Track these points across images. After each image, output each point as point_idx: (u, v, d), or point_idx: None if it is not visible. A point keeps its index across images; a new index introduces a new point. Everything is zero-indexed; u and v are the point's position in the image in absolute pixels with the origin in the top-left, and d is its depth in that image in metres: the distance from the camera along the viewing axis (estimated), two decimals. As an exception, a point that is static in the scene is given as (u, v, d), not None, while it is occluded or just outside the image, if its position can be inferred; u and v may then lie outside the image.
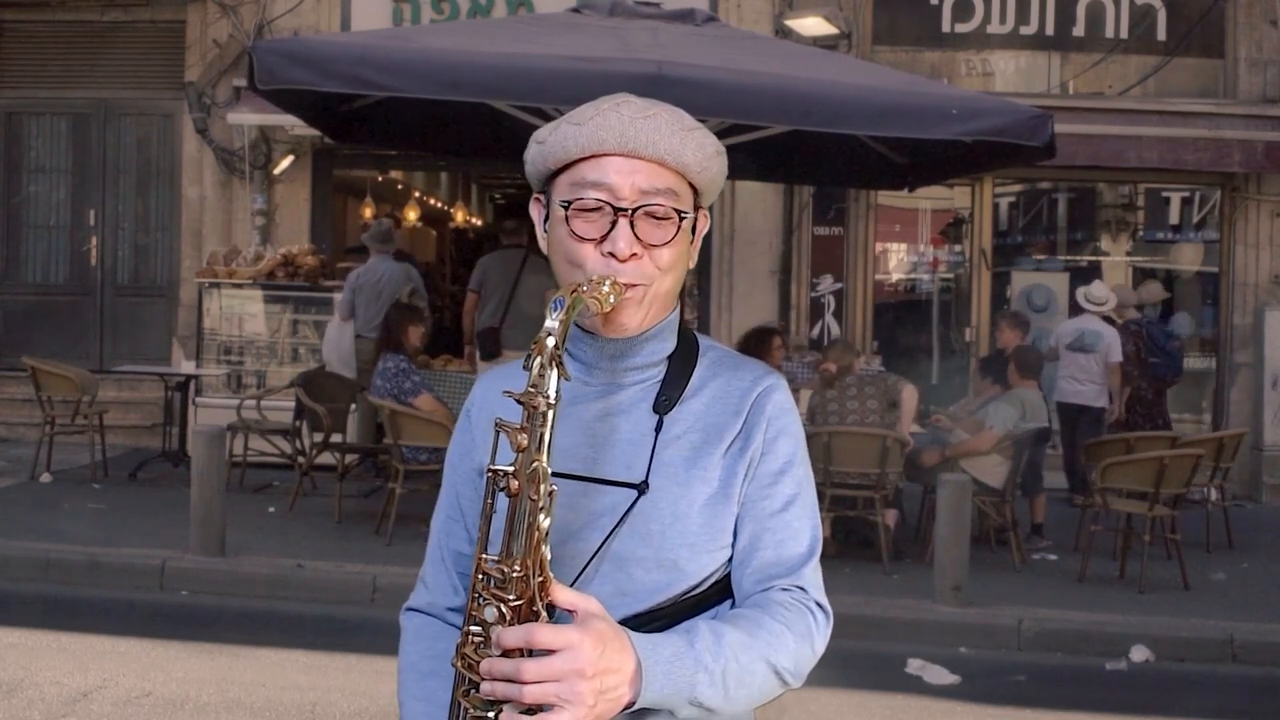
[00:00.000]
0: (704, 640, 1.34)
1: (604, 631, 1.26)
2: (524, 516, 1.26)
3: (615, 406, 1.50)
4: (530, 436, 1.26)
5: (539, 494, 1.25)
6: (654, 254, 1.44)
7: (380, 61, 5.28)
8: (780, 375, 1.58)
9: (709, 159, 1.48)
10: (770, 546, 1.48)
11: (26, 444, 9.63)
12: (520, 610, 1.26)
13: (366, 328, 9.09)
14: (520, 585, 1.26)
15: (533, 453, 1.26)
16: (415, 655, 1.60)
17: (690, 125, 1.47)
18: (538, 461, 1.25)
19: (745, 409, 1.51)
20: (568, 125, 1.46)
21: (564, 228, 1.45)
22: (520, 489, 1.26)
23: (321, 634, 5.87)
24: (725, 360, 1.57)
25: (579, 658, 1.22)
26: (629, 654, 1.27)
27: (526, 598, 1.26)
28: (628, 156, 1.43)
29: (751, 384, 1.53)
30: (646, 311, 1.48)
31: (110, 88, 11.14)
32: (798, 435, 1.54)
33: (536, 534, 1.25)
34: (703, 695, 1.32)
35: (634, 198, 1.43)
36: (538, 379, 1.27)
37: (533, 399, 1.27)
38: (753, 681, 1.37)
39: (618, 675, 1.26)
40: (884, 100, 5.45)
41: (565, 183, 1.47)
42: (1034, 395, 7.63)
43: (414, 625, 1.62)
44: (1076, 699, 5.48)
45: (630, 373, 1.51)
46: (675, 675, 1.30)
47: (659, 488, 1.45)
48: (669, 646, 1.31)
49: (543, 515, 1.25)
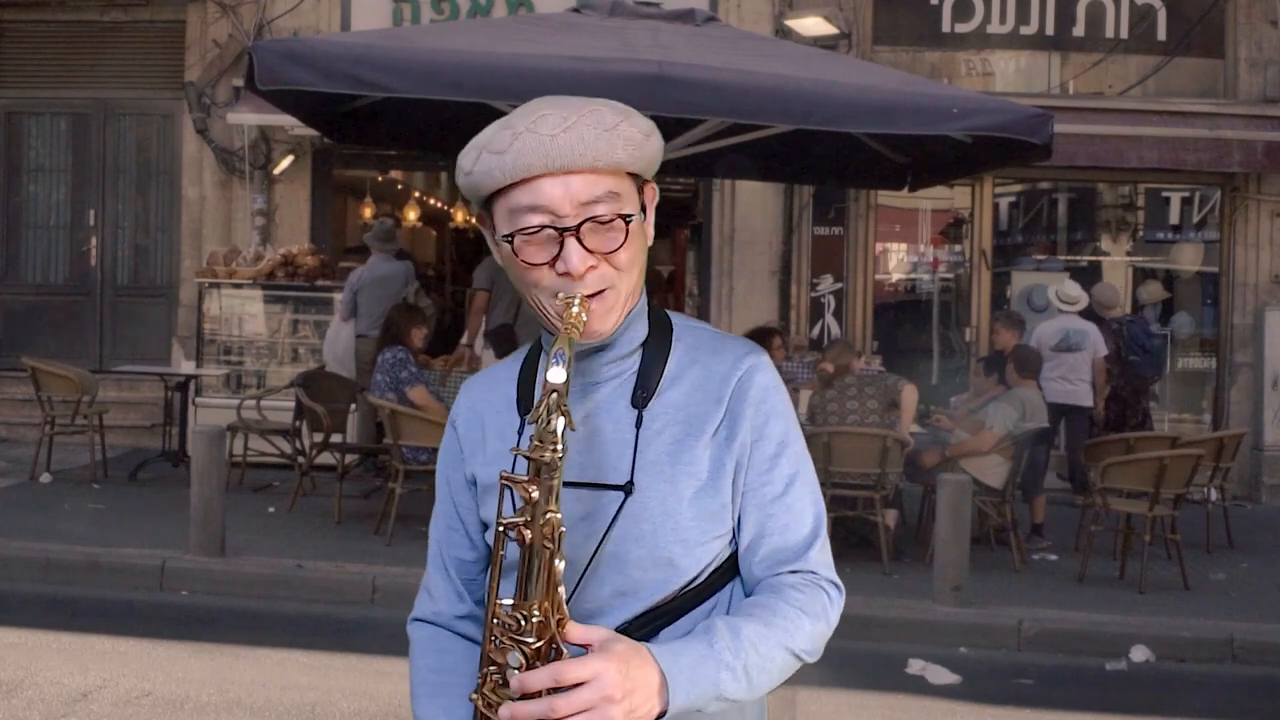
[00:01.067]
0: (723, 639, 1.35)
1: (624, 653, 1.27)
2: (540, 565, 1.28)
3: (595, 407, 1.49)
4: (540, 490, 1.28)
5: (553, 541, 1.27)
6: (610, 258, 1.42)
7: (380, 62, 5.27)
8: (761, 351, 1.55)
9: (639, 146, 1.42)
10: (776, 533, 1.48)
11: (26, 444, 9.63)
12: (541, 651, 1.28)
13: (368, 328, 9.09)
14: (541, 629, 1.28)
15: (544, 506, 1.28)
16: (426, 669, 1.60)
17: (613, 122, 1.41)
18: (552, 513, 1.27)
19: (726, 396, 1.49)
20: (488, 155, 1.40)
21: (514, 258, 1.42)
22: (534, 538, 1.28)
23: (321, 634, 5.87)
24: (702, 343, 1.54)
25: (605, 684, 1.23)
26: (652, 668, 1.29)
27: (546, 639, 1.28)
28: (558, 174, 1.39)
29: (730, 368, 1.50)
30: (617, 313, 1.46)
31: (110, 88, 11.14)
32: (787, 413, 1.52)
33: (554, 578, 1.28)
34: (728, 691, 1.34)
35: (575, 212, 1.39)
36: (546, 431, 1.28)
37: (542, 453, 1.28)
38: (773, 668, 1.40)
39: (644, 691, 1.27)
40: (884, 99, 5.45)
41: (503, 209, 1.42)
42: (1034, 395, 7.62)
43: (422, 636, 1.62)
44: (1076, 699, 5.48)
45: (605, 367, 1.50)
46: (700, 679, 1.32)
47: (646, 486, 1.44)
48: (690, 653, 1.33)
49: (557, 560, 1.27)
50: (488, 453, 1.53)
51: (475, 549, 1.59)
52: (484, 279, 9.21)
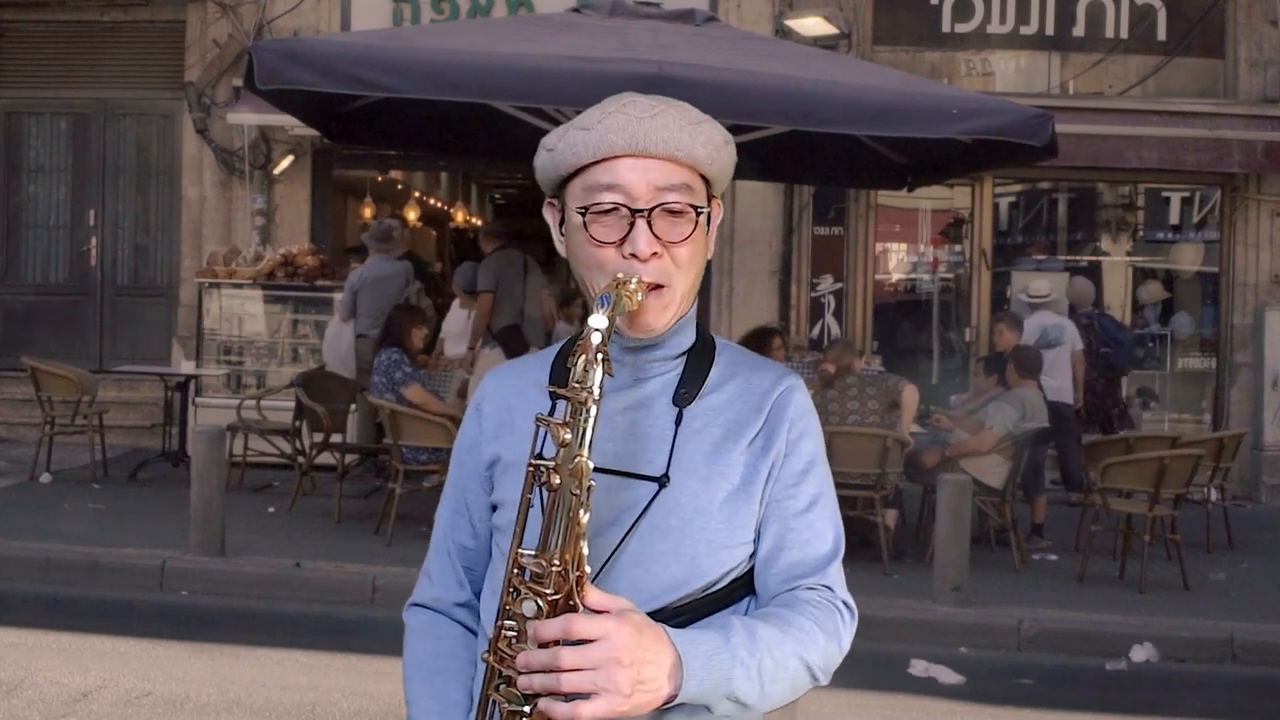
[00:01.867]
0: (739, 635, 1.34)
1: (640, 622, 1.26)
2: (564, 511, 1.26)
3: (636, 401, 1.50)
4: (573, 431, 1.27)
5: (580, 489, 1.25)
6: (673, 251, 1.45)
7: (380, 62, 5.27)
8: (798, 376, 1.59)
9: (718, 149, 1.49)
10: (796, 547, 1.49)
11: (26, 444, 9.63)
12: (557, 604, 1.26)
13: (368, 327, 9.08)
14: (559, 580, 1.26)
15: (575, 447, 1.26)
16: (422, 653, 1.58)
17: (697, 119, 1.48)
18: (580, 456, 1.26)
19: (766, 408, 1.51)
20: (575, 130, 1.46)
21: (583, 234, 1.45)
22: (562, 483, 1.26)
23: (321, 634, 5.87)
24: (742, 359, 1.58)
25: (615, 645, 1.23)
26: (667, 647, 1.28)
27: (564, 592, 1.26)
28: (639, 156, 1.43)
29: (773, 383, 1.54)
30: (671, 312, 1.49)
31: (110, 88, 11.13)
32: (818, 436, 1.55)
33: (576, 529, 1.26)
34: (740, 690, 1.33)
35: (650, 196, 1.43)
36: (583, 374, 1.28)
37: (578, 394, 1.28)
38: (786, 677, 1.38)
39: (655, 667, 1.26)
40: (884, 100, 5.45)
41: (578, 188, 1.47)
42: (1034, 395, 7.62)
43: (419, 621, 1.61)
44: (1076, 699, 5.48)
45: (652, 365, 1.52)
46: (713, 670, 1.30)
47: (679, 482, 1.45)
48: (706, 642, 1.32)
49: (582, 510, 1.26)
50: (516, 433, 1.53)
51: (478, 539, 1.59)
52: (488, 281, 9.17)
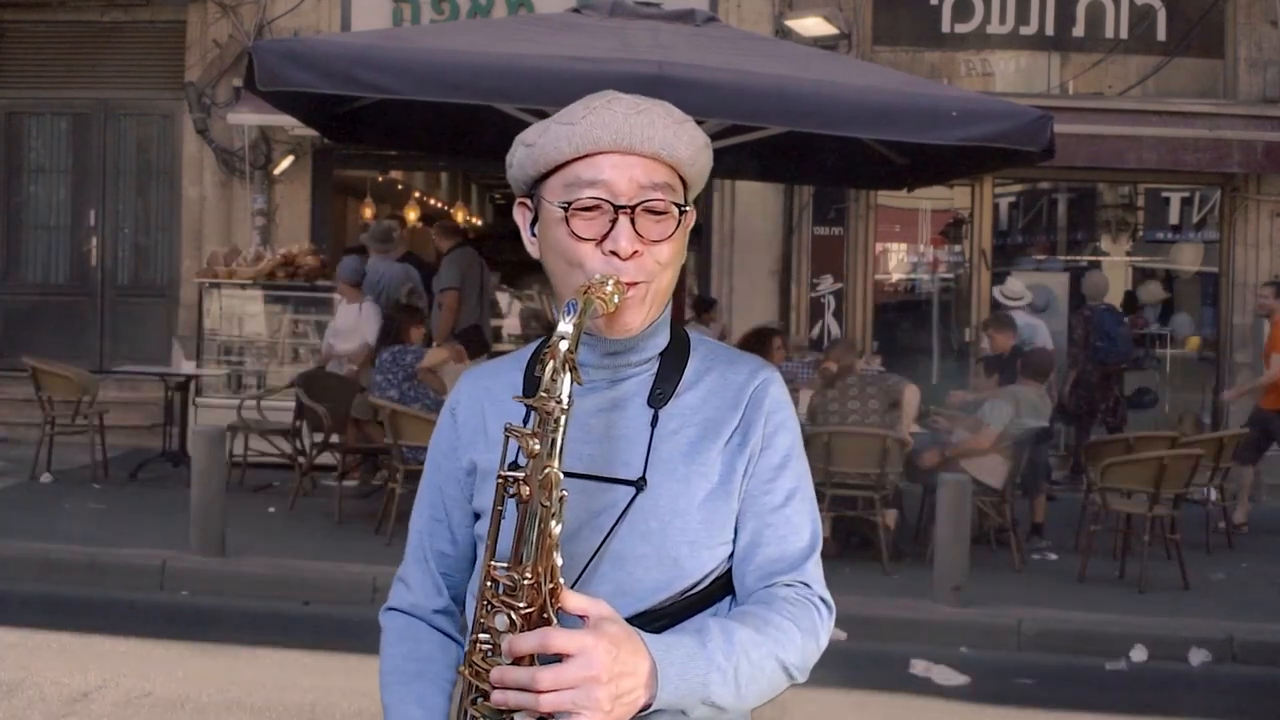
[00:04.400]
0: (715, 639, 1.33)
1: (617, 635, 1.24)
2: (535, 523, 1.24)
3: (611, 403, 1.49)
4: (542, 442, 1.25)
5: (551, 500, 1.24)
6: (653, 250, 1.43)
7: (380, 62, 5.27)
8: (775, 368, 1.58)
9: (699, 151, 1.49)
10: (773, 542, 1.47)
11: (26, 444, 9.62)
12: (530, 618, 1.24)
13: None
14: (531, 593, 1.24)
15: (544, 458, 1.24)
16: (399, 658, 1.57)
17: (680, 118, 1.47)
18: (550, 467, 1.24)
19: (743, 403, 1.50)
20: (558, 125, 1.44)
21: (562, 229, 1.43)
22: (532, 495, 1.24)
23: (321, 634, 5.87)
24: (719, 354, 1.56)
25: (594, 663, 1.20)
26: (643, 656, 1.26)
27: (538, 605, 1.24)
28: (623, 153, 1.42)
29: (748, 377, 1.52)
30: (648, 310, 1.47)
31: (110, 88, 11.14)
32: (794, 429, 1.54)
33: (548, 540, 1.24)
34: (716, 694, 1.31)
35: (633, 194, 1.42)
36: (550, 384, 1.26)
37: (545, 404, 1.25)
38: (763, 679, 1.37)
39: (633, 678, 1.24)
40: (883, 102, 5.44)
41: (558, 184, 1.45)
42: (1032, 393, 7.62)
43: (396, 626, 1.61)
44: (1076, 699, 5.48)
45: (627, 368, 1.50)
46: (689, 675, 1.29)
47: (657, 484, 1.43)
48: (682, 647, 1.30)
49: (554, 522, 1.24)
50: (489, 439, 1.51)
51: (457, 545, 1.57)
52: (454, 279, 8.81)
